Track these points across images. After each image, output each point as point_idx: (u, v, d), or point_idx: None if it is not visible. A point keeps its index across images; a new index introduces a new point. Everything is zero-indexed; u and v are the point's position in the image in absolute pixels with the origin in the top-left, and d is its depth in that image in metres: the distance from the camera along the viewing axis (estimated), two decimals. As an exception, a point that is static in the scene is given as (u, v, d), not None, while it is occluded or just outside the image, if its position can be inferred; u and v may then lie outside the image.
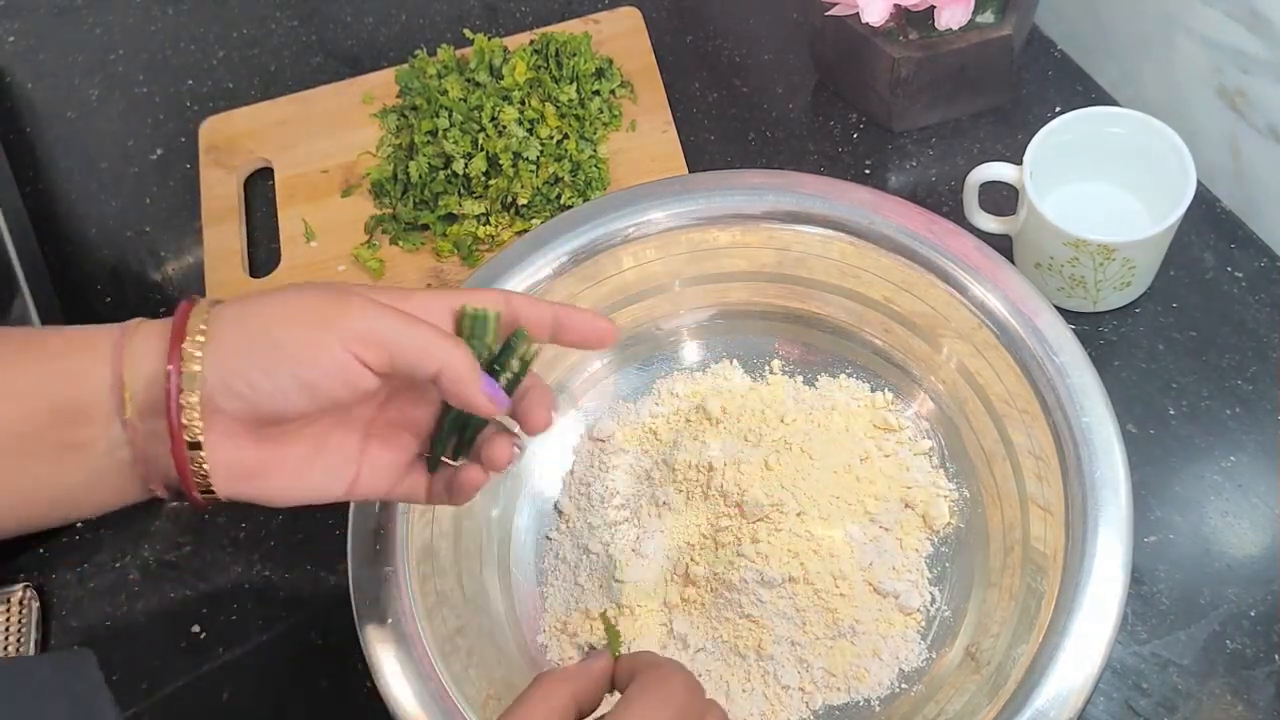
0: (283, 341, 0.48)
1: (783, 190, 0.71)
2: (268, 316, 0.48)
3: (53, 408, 0.47)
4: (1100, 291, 0.75)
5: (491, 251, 0.84)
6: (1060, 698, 0.56)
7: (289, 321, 0.48)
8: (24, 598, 0.76)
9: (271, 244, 0.89)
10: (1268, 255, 0.79)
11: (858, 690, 0.66)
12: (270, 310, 0.49)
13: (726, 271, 0.75)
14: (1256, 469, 0.72)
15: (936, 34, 0.79)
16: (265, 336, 0.48)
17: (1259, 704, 0.66)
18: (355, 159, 0.91)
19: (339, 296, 0.49)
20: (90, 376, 0.48)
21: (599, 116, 0.88)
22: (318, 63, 0.99)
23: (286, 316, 0.48)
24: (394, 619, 0.61)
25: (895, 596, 0.68)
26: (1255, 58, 0.74)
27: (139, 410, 0.47)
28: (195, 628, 0.75)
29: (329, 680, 0.72)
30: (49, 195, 0.95)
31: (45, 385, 0.47)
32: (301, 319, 0.48)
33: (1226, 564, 0.70)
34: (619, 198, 0.73)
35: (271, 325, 0.48)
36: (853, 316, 0.74)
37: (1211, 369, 0.76)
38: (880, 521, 0.70)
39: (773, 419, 0.73)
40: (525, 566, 0.72)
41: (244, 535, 0.78)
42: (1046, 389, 0.64)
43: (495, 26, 0.98)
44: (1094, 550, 0.59)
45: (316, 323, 0.48)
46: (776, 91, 0.91)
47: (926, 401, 0.73)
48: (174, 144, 0.96)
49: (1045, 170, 0.74)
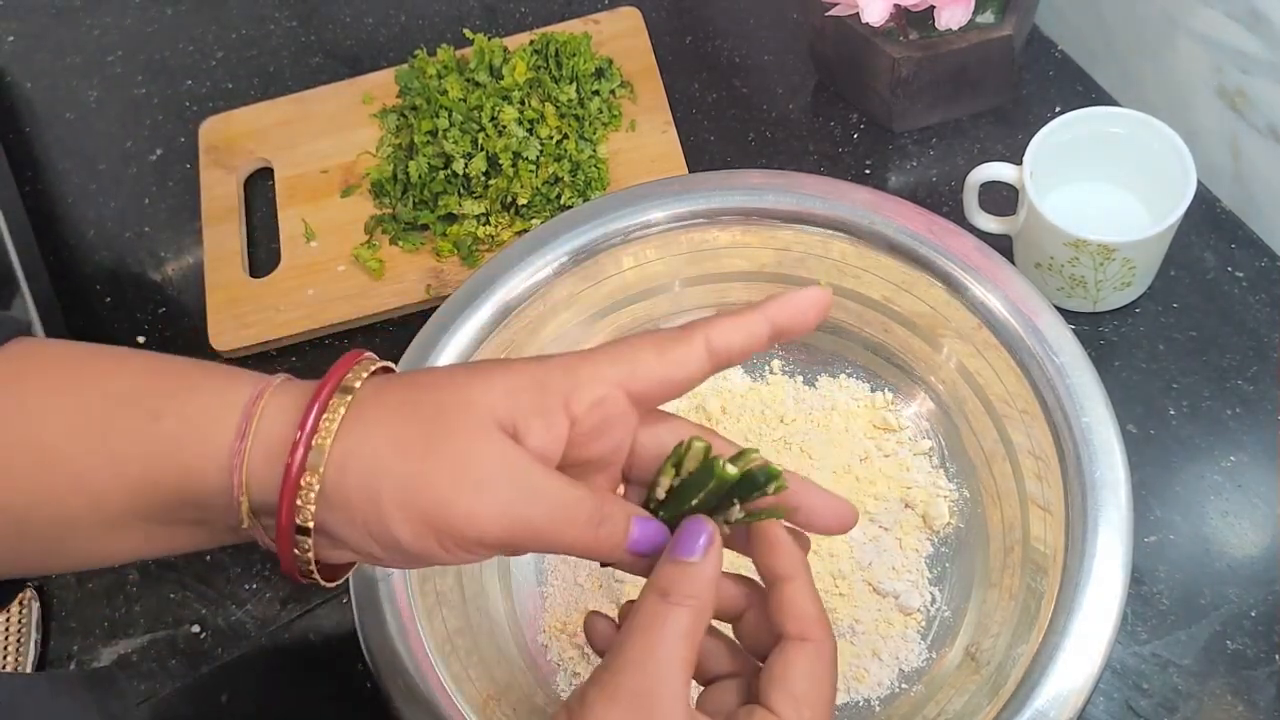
0: (402, 535, 0.42)
1: (783, 190, 0.71)
2: (411, 476, 0.42)
3: (180, 477, 0.43)
4: (1100, 291, 0.75)
5: (491, 251, 0.84)
6: (1060, 698, 0.56)
7: (421, 508, 0.42)
8: (24, 598, 0.76)
9: (271, 244, 0.89)
10: (1268, 255, 0.79)
11: (858, 690, 0.66)
12: (418, 476, 0.42)
13: (726, 271, 0.75)
14: (1257, 469, 0.72)
15: (936, 34, 0.79)
16: (390, 510, 0.42)
17: (1259, 704, 0.66)
18: (355, 159, 0.91)
19: (485, 490, 0.42)
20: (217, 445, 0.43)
21: (599, 116, 0.88)
22: (317, 63, 0.99)
23: (429, 495, 0.42)
24: (394, 619, 0.61)
25: (895, 596, 0.68)
26: (1255, 58, 0.74)
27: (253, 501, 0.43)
28: (195, 628, 0.75)
29: (329, 680, 0.72)
30: (49, 195, 0.95)
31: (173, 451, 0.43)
32: (440, 510, 0.42)
33: (1227, 564, 0.70)
34: (619, 198, 0.73)
35: (404, 496, 0.42)
36: (853, 316, 0.74)
37: (1212, 369, 0.76)
38: (880, 521, 0.70)
39: (773, 419, 0.73)
40: (525, 566, 0.72)
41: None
42: (1046, 389, 0.64)
43: (495, 26, 0.98)
44: (1094, 550, 0.59)
45: (450, 527, 0.42)
46: (776, 91, 0.91)
47: (926, 401, 0.73)
48: (173, 144, 0.95)
49: (1045, 170, 0.74)
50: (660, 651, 0.43)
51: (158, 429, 0.43)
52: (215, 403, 0.44)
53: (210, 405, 0.44)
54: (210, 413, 0.43)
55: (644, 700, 0.42)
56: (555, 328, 0.74)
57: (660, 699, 0.42)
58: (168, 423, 0.43)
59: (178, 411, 0.44)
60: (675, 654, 0.43)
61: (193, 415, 0.44)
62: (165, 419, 0.43)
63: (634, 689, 0.43)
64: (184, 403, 0.44)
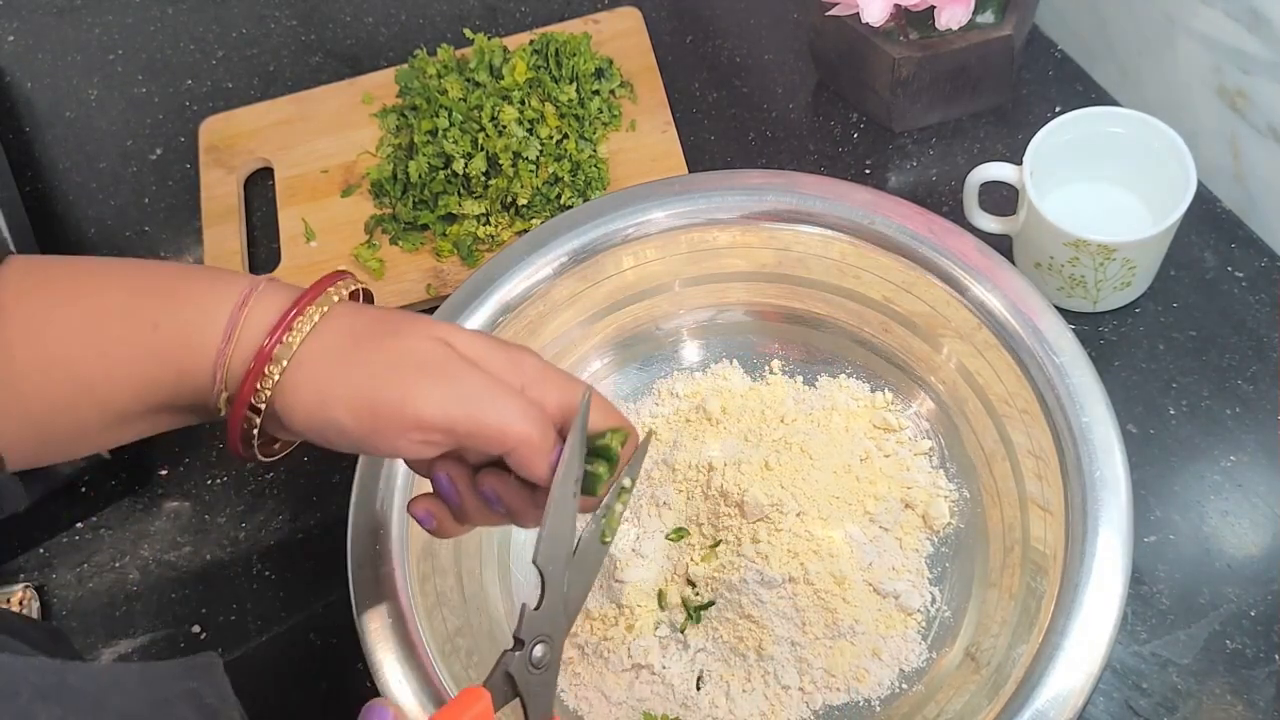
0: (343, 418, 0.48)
1: (783, 190, 0.71)
2: (358, 365, 0.49)
3: (176, 377, 0.49)
4: (1100, 291, 0.75)
5: (491, 251, 0.84)
6: (1060, 698, 0.56)
7: (363, 394, 0.48)
8: (24, 598, 0.76)
9: (271, 244, 0.89)
10: (1268, 255, 0.79)
11: (858, 690, 0.66)
12: (363, 365, 0.48)
13: (726, 271, 0.75)
14: (1256, 469, 0.72)
15: (936, 34, 0.79)
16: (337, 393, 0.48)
17: (1259, 704, 0.66)
18: (355, 159, 0.91)
19: (424, 374, 0.48)
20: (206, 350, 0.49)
21: (599, 116, 0.88)
22: (317, 62, 0.99)
23: (368, 382, 0.48)
24: (394, 619, 0.61)
25: (895, 597, 0.68)
26: (1255, 58, 0.74)
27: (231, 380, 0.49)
28: (195, 628, 0.75)
29: (329, 680, 0.72)
30: (49, 195, 0.95)
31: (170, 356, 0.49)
32: (378, 393, 0.48)
33: (1226, 564, 0.70)
34: (619, 198, 0.73)
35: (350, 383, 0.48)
36: (853, 316, 0.74)
37: (1212, 369, 0.76)
38: (880, 521, 0.70)
39: (773, 419, 0.73)
40: (525, 566, 0.72)
41: (244, 536, 0.78)
42: (1046, 389, 0.64)
43: (495, 26, 0.98)
44: (1094, 550, 0.59)
45: (388, 407, 0.48)
46: (776, 91, 0.91)
47: (926, 401, 0.73)
48: (174, 144, 0.96)
49: (1045, 170, 0.74)
50: None
51: (156, 337, 0.49)
52: (207, 308, 0.49)
53: (202, 311, 0.49)
54: (203, 317, 0.49)
55: None
56: (555, 328, 0.74)
57: None
58: (165, 331, 0.49)
59: (173, 319, 0.49)
60: None
61: (187, 323, 0.49)
62: (163, 328, 0.49)
63: None
64: (178, 311, 0.49)
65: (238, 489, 0.80)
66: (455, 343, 0.50)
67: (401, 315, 0.51)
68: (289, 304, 0.50)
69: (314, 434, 0.49)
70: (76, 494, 0.79)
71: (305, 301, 0.50)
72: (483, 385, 0.48)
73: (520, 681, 0.49)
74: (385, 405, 0.47)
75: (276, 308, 0.49)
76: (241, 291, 0.50)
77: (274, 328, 0.49)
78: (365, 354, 0.49)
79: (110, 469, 0.80)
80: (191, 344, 0.49)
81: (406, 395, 0.47)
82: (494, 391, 0.48)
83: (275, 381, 0.48)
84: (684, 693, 0.67)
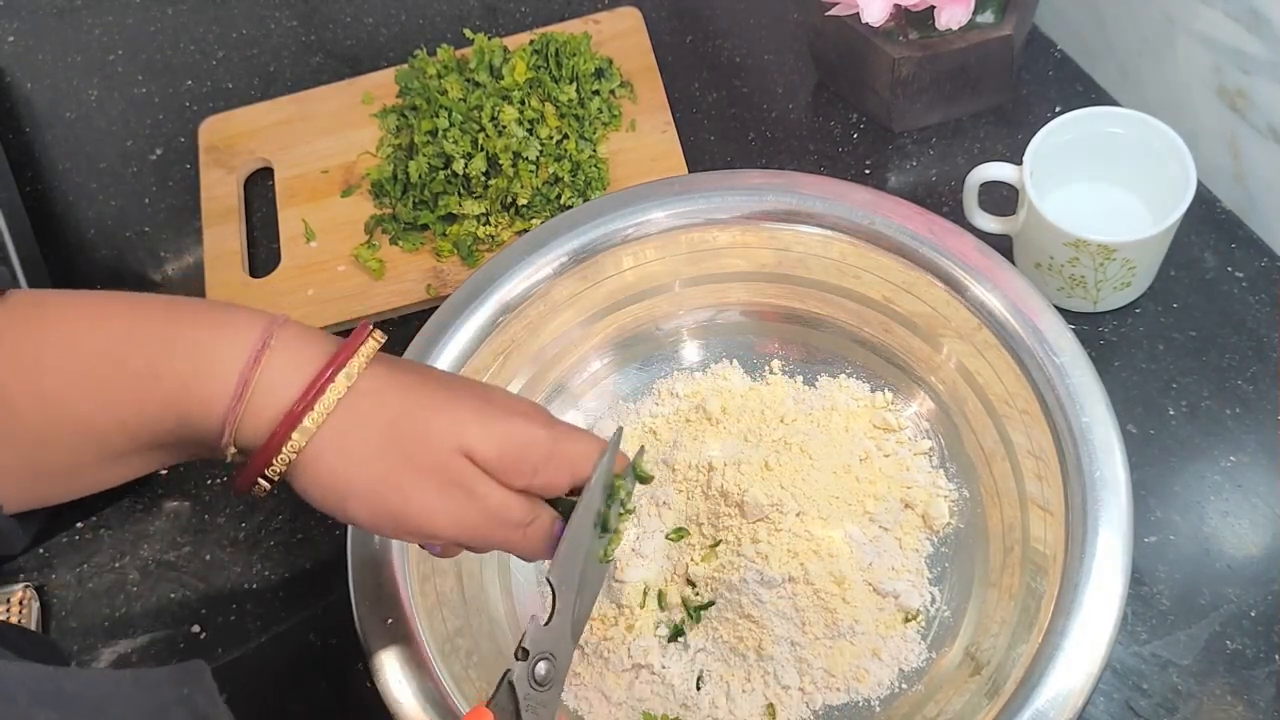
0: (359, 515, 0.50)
1: (783, 190, 0.71)
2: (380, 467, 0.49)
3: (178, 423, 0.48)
4: (1100, 291, 0.75)
5: (491, 251, 0.84)
6: (1060, 698, 0.56)
7: (382, 499, 0.49)
8: (24, 598, 0.76)
9: (271, 244, 0.89)
10: (1268, 255, 0.79)
11: (858, 690, 0.66)
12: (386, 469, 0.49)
13: (726, 271, 0.75)
14: (1256, 469, 0.72)
15: (936, 34, 0.79)
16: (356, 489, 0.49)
17: (1259, 704, 0.66)
18: (355, 159, 0.91)
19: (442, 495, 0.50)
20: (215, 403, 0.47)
21: (599, 116, 0.88)
22: (317, 63, 0.99)
23: (389, 490, 0.49)
24: (394, 619, 0.61)
25: (895, 596, 0.68)
26: (1255, 58, 0.74)
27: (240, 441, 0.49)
28: (195, 628, 0.75)
29: (329, 680, 0.72)
30: (49, 195, 0.95)
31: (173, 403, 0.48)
32: (395, 505, 0.49)
33: (1226, 564, 0.70)
34: (619, 198, 0.73)
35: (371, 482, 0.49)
36: (853, 316, 0.74)
37: (1212, 369, 0.76)
38: (880, 521, 0.70)
39: (772, 419, 0.73)
40: (525, 567, 0.72)
41: (244, 536, 0.78)
42: (1046, 389, 0.64)
43: (495, 26, 0.98)
44: (1094, 550, 0.59)
45: (407, 521, 0.50)
46: (776, 91, 0.91)
47: (926, 401, 0.73)
48: (174, 144, 0.95)
49: (1045, 170, 0.74)
50: None
51: (158, 387, 0.47)
52: (216, 358, 0.47)
53: (210, 361, 0.47)
54: (210, 369, 0.47)
55: None
56: (555, 328, 0.74)
57: None
58: (167, 381, 0.47)
59: (177, 370, 0.47)
60: None
61: (193, 375, 0.47)
62: (164, 378, 0.47)
63: None
64: (182, 360, 0.47)
65: (238, 489, 0.80)
66: (475, 451, 0.50)
67: (426, 413, 0.50)
68: (311, 369, 0.48)
69: (327, 512, 0.50)
70: (76, 494, 0.79)
71: (329, 375, 0.48)
72: (489, 516, 0.51)
73: (523, 699, 0.50)
74: (405, 518, 0.50)
75: (296, 368, 0.48)
76: (253, 343, 0.48)
77: (296, 399, 0.47)
78: (389, 459, 0.49)
79: (110, 469, 0.80)
80: (197, 397, 0.47)
81: (424, 513, 0.50)
82: (495, 524, 0.51)
83: (292, 459, 0.48)
84: (684, 693, 0.67)
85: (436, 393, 0.51)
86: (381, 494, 0.49)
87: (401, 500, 0.49)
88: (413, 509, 0.49)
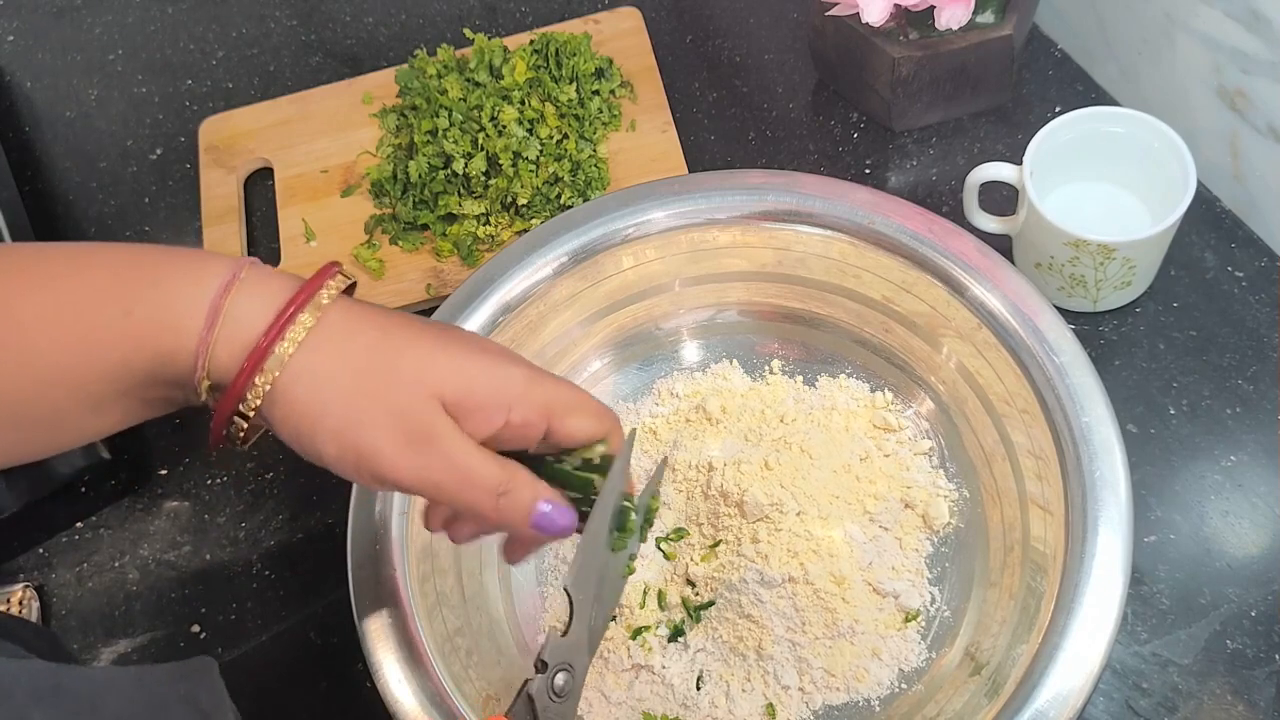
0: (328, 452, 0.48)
1: (783, 190, 0.71)
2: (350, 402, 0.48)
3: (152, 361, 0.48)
4: (1100, 291, 0.75)
5: (491, 251, 0.84)
6: (1060, 698, 0.56)
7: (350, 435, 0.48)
8: (24, 598, 0.76)
9: (271, 244, 0.89)
10: (1268, 255, 0.79)
11: (857, 690, 0.66)
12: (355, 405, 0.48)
13: (726, 271, 0.75)
14: (1256, 469, 0.72)
15: (936, 34, 0.79)
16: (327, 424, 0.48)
17: (1259, 704, 0.66)
18: (355, 159, 0.91)
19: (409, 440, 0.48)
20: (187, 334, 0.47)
21: (599, 116, 0.88)
22: (317, 62, 0.99)
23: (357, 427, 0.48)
24: (394, 619, 0.61)
25: (895, 596, 0.68)
26: (1255, 58, 0.74)
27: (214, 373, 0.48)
28: (195, 628, 0.75)
29: (329, 680, 0.72)
30: (49, 195, 0.95)
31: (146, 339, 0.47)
32: (364, 442, 0.48)
33: (1226, 564, 0.70)
34: (619, 198, 0.73)
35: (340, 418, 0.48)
36: (853, 316, 0.74)
37: (1212, 369, 0.76)
38: (880, 521, 0.70)
39: (772, 419, 0.73)
40: (525, 567, 0.72)
41: (244, 535, 0.78)
42: (1046, 389, 0.64)
43: (495, 26, 0.98)
44: (1094, 550, 0.59)
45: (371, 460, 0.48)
46: (776, 91, 0.91)
47: (926, 401, 0.73)
48: (174, 144, 0.96)
49: (1045, 170, 0.74)
50: None
51: (129, 323, 0.47)
52: (185, 290, 0.47)
53: (179, 297, 0.47)
54: (180, 301, 0.47)
55: None
56: (555, 328, 0.74)
57: None
58: (139, 317, 0.47)
59: (148, 304, 0.47)
60: None
61: (163, 308, 0.47)
62: (136, 313, 0.47)
63: None
64: (153, 296, 0.47)
65: (238, 489, 0.80)
66: (445, 386, 0.49)
67: (398, 346, 0.50)
68: (280, 299, 0.48)
69: (297, 450, 0.49)
70: (76, 494, 0.79)
71: (298, 304, 0.48)
72: (455, 473, 0.49)
73: (540, 711, 0.50)
74: (369, 458, 0.48)
75: (265, 299, 0.48)
76: (223, 276, 0.48)
77: (266, 329, 0.47)
78: (360, 394, 0.48)
79: (110, 469, 0.79)
80: (169, 328, 0.47)
81: (388, 456, 0.48)
82: (461, 483, 0.49)
83: (266, 391, 0.47)
84: (684, 693, 0.67)
85: (409, 327, 0.51)
86: (350, 431, 0.48)
87: (369, 440, 0.48)
88: (379, 453, 0.48)
